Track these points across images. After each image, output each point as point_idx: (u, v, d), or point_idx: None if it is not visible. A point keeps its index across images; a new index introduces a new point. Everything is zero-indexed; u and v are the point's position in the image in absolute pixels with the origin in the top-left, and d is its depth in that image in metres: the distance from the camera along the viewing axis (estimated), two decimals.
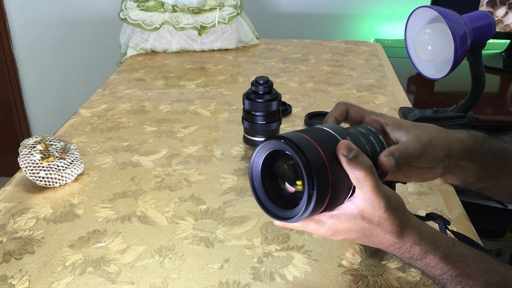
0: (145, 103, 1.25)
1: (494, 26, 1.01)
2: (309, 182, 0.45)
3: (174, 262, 0.69)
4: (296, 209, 0.48)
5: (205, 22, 1.63)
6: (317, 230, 0.52)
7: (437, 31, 0.98)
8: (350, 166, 0.47)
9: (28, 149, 0.85)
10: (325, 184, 0.46)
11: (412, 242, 0.51)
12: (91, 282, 0.65)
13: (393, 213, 0.49)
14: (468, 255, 0.52)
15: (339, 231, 0.51)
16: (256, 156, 0.50)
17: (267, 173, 0.51)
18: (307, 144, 0.46)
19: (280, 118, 1.02)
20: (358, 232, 0.51)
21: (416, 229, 0.51)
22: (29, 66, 2.27)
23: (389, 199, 0.49)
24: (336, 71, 1.50)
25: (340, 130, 0.51)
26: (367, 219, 0.50)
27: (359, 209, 0.49)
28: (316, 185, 0.45)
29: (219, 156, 0.98)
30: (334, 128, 0.52)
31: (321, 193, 0.46)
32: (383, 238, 0.51)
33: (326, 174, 0.46)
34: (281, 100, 1.01)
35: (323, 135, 0.50)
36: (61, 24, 2.17)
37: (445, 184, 0.90)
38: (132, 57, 1.62)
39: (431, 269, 0.52)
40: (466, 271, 0.51)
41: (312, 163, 0.45)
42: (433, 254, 0.51)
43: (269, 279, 0.66)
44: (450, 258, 0.51)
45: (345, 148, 0.47)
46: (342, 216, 0.50)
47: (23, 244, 0.73)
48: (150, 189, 0.87)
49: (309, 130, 0.50)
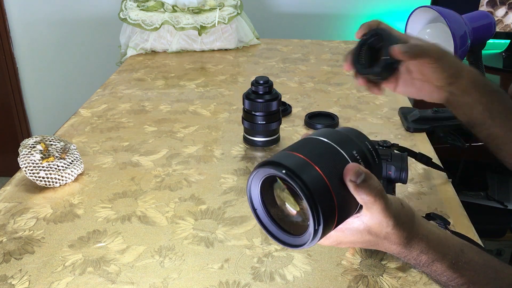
0: (145, 103, 1.25)
1: (494, 26, 1.01)
2: (314, 217, 0.41)
3: (174, 262, 0.69)
4: (303, 237, 0.45)
5: (205, 22, 1.63)
6: (321, 242, 0.51)
7: (437, 31, 0.98)
8: (357, 192, 0.44)
9: (28, 149, 0.85)
10: (331, 211, 0.43)
11: (419, 251, 0.50)
12: (91, 282, 0.65)
13: (401, 227, 0.48)
14: (476, 262, 0.51)
15: (343, 242, 0.50)
16: (252, 183, 0.47)
17: (266, 197, 0.48)
18: (306, 168, 0.42)
19: (280, 118, 1.02)
20: (363, 244, 0.50)
21: (424, 238, 0.50)
22: (29, 66, 2.27)
23: (398, 216, 0.47)
24: (336, 71, 1.50)
25: (342, 141, 0.46)
26: (374, 234, 0.48)
27: (366, 226, 0.48)
28: (322, 217, 0.41)
29: (219, 156, 0.98)
30: (335, 139, 0.46)
31: (327, 222, 0.42)
32: (389, 248, 0.50)
33: (331, 199, 0.43)
34: (281, 100, 1.01)
35: (324, 152, 0.45)
36: (61, 24, 2.17)
37: (445, 184, 0.90)
38: (132, 57, 1.62)
39: (437, 275, 0.51)
40: (473, 279, 0.50)
41: (314, 192, 0.41)
42: (440, 263, 0.50)
43: (269, 279, 0.66)
44: (458, 266, 0.50)
45: (353, 174, 0.44)
46: (347, 231, 0.49)
47: (23, 244, 0.73)
48: (150, 189, 0.87)
49: (307, 147, 0.45)
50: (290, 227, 0.47)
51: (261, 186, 0.47)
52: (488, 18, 1.00)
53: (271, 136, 1.01)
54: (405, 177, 0.73)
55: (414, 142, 1.05)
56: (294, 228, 0.47)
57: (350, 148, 0.46)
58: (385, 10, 2.07)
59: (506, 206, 1.46)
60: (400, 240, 0.48)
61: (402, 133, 1.09)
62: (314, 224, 0.42)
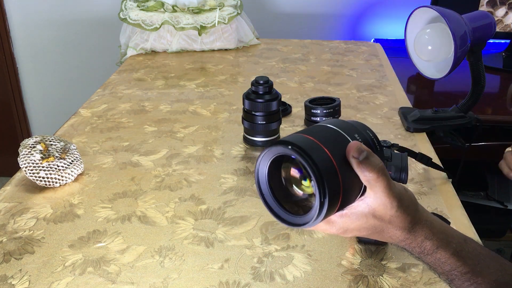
0: (145, 103, 1.25)
1: (494, 26, 1.01)
2: (320, 190, 0.44)
3: (174, 262, 0.69)
4: (308, 216, 0.47)
5: (205, 22, 1.63)
6: (327, 230, 0.52)
7: (437, 31, 0.98)
8: (360, 169, 0.46)
9: (28, 149, 0.85)
10: (336, 189, 0.45)
11: (424, 237, 0.50)
12: (91, 282, 0.65)
13: (405, 211, 0.49)
14: (480, 253, 0.52)
15: (349, 229, 0.51)
16: (261, 163, 0.49)
17: (273, 178, 0.50)
18: (315, 148, 0.45)
19: (280, 118, 1.02)
20: (369, 230, 0.50)
21: (428, 223, 0.50)
22: (29, 66, 2.27)
23: (401, 198, 0.49)
24: (336, 71, 1.50)
25: (346, 127, 0.50)
26: (378, 217, 0.49)
27: (370, 208, 0.49)
28: (328, 192, 0.44)
29: (219, 156, 0.98)
30: (339, 125, 0.50)
31: (333, 198, 0.45)
32: (394, 234, 0.50)
33: (337, 179, 0.45)
34: (281, 100, 1.01)
35: (330, 135, 0.48)
36: (61, 24, 2.17)
37: (445, 184, 0.90)
38: (132, 57, 1.62)
39: (441, 264, 0.51)
40: (477, 268, 0.50)
41: (322, 169, 0.43)
42: (444, 250, 0.50)
43: (269, 279, 0.66)
44: (462, 254, 0.51)
45: (355, 150, 0.46)
46: (353, 216, 0.50)
47: (23, 244, 0.73)
48: (150, 189, 0.87)
49: (314, 130, 0.48)
50: (295, 208, 0.49)
51: (269, 167, 0.49)
52: (488, 18, 1.00)
53: (271, 136, 1.01)
54: (405, 177, 0.73)
55: (414, 142, 1.05)
56: (300, 208, 0.49)
57: (353, 133, 0.49)
58: (385, 10, 2.07)
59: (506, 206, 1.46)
60: (404, 225, 0.49)
61: (402, 133, 1.09)
62: (320, 197, 0.44)
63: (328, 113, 1.06)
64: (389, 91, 1.34)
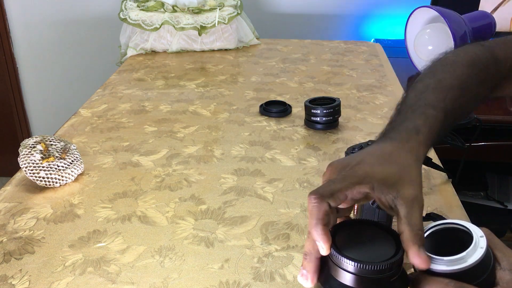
0: (145, 103, 1.25)
1: (494, 26, 1.01)
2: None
3: (174, 262, 0.69)
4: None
5: (205, 22, 1.63)
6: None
7: (437, 31, 0.98)
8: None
9: (28, 149, 0.85)
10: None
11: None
12: (91, 282, 0.65)
13: None
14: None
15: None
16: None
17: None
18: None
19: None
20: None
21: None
22: (29, 66, 2.27)
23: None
24: (336, 71, 1.50)
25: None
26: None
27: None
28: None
29: (219, 156, 0.98)
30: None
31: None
32: None
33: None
34: (281, 100, 1.01)
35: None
36: (61, 24, 2.17)
37: (445, 184, 0.90)
38: (132, 57, 1.62)
39: None
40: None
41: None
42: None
43: (269, 279, 0.66)
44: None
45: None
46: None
47: (23, 244, 0.73)
48: (150, 189, 0.87)
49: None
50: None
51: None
52: (488, 18, 1.00)
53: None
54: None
55: None
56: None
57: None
58: (385, 10, 2.07)
59: (506, 206, 1.46)
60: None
61: None
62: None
63: (328, 113, 1.07)
64: (389, 91, 1.34)
